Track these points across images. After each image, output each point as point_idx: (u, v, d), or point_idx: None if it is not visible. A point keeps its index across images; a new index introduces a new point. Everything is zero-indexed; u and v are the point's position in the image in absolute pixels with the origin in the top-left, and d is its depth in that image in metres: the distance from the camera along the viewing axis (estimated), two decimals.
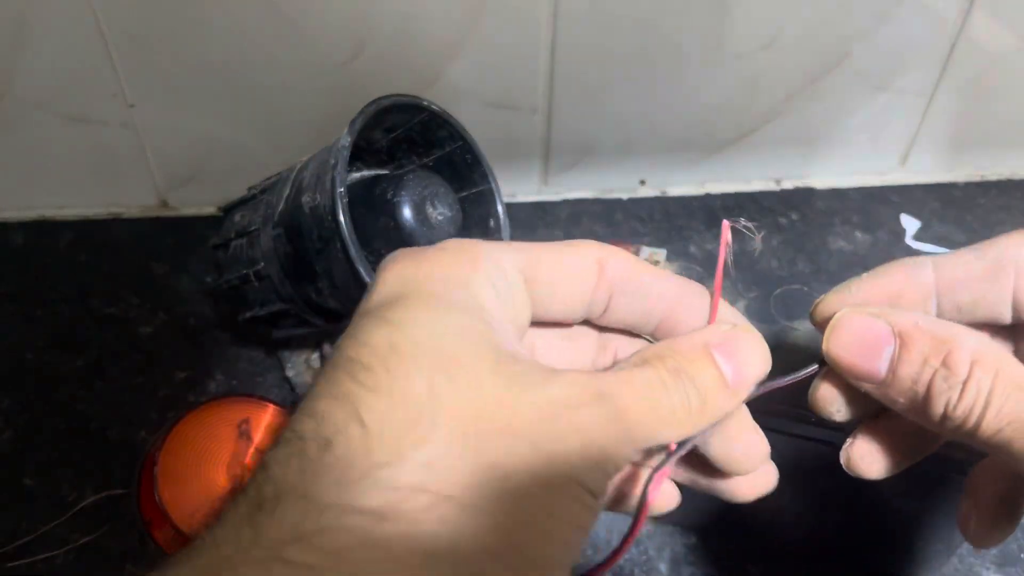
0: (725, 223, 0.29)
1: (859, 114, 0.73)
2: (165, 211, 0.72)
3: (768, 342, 0.43)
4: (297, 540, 0.20)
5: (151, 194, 0.71)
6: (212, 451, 0.49)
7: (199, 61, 0.62)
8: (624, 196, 0.75)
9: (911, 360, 0.27)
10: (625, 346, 0.31)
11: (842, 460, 0.32)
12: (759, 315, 0.44)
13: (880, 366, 0.28)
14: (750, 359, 0.27)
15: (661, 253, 0.46)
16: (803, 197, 0.76)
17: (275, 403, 0.52)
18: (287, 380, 0.59)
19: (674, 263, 0.46)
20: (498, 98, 0.67)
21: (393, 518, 0.21)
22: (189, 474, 0.48)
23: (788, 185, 0.77)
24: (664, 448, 0.27)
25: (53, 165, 0.68)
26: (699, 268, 0.46)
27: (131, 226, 0.71)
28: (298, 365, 0.59)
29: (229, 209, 0.57)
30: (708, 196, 0.75)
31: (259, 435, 0.50)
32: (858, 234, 0.73)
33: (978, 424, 0.26)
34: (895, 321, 0.28)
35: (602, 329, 0.31)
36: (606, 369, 0.27)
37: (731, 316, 0.29)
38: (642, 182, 0.76)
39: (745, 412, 0.29)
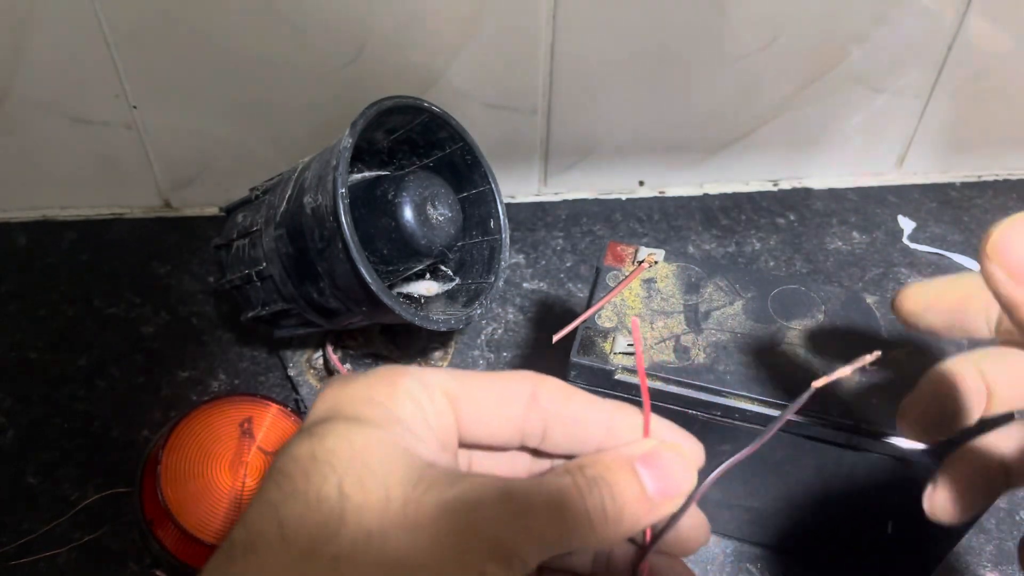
0: (634, 320, 0.30)
1: (856, 115, 0.73)
2: (168, 211, 0.72)
3: (765, 342, 0.44)
4: None
5: (154, 195, 0.72)
6: (215, 450, 0.49)
7: (201, 62, 0.62)
8: (623, 196, 0.76)
9: None
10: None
11: (925, 508, 0.34)
12: (756, 315, 0.44)
13: None
14: (673, 473, 0.28)
15: (659, 253, 0.46)
16: (800, 197, 0.76)
17: (277, 402, 0.52)
18: (289, 379, 0.59)
19: (672, 263, 0.46)
20: (498, 99, 0.67)
21: None
22: (192, 473, 0.48)
23: (786, 186, 0.77)
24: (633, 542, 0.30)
25: (56, 166, 0.69)
26: (697, 268, 0.46)
27: (134, 226, 0.71)
28: (300, 364, 0.59)
29: (231, 210, 0.57)
30: (706, 196, 0.76)
31: (261, 434, 0.51)
32: (855, 234, 0.73)
33: None
34: None
35: (543, 456, 0.32)
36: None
37: (663, 430, 0.30)
38: (641, 183, 0.76)
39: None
